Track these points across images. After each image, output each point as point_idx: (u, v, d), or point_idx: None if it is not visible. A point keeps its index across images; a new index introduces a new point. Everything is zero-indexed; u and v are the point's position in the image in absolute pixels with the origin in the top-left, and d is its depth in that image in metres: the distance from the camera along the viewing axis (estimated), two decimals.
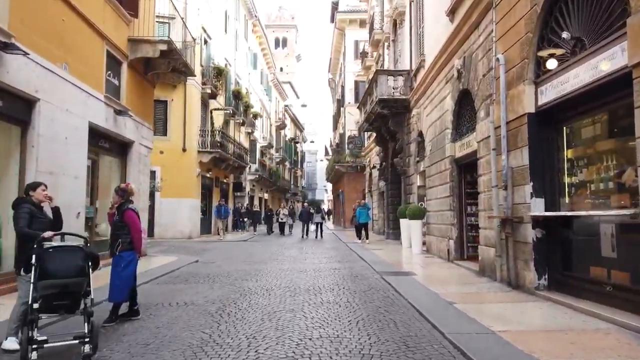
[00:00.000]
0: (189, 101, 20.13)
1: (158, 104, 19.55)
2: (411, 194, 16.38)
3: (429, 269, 10.27)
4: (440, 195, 12.05)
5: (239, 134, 28.81)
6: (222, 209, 21.18)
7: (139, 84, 12.42)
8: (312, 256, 13.53)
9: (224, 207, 21.30)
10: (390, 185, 20.51)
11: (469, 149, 10.13)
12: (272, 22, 77.17)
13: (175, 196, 19.67)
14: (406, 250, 14.61)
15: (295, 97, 67.04)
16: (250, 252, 14.59)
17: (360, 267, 10.93)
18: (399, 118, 17.13)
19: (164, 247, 15.82)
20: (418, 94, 14.86)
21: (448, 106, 11.32)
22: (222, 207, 21.24)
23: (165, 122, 19.96)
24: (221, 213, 21.11)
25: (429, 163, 13.28)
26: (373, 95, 17.93)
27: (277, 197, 47.35)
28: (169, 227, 19.59)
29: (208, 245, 17.26)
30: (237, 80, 27.89)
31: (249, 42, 32.77)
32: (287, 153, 53.07)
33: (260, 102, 36.95)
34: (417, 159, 15.61)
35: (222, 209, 21.18)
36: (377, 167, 23.83)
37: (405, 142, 17.04)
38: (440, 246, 12.00)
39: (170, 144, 19.88)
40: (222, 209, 21.20)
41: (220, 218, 21.18)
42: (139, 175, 12.40)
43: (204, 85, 21.21)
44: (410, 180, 16.44)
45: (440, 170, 12.01)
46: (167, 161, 19.70)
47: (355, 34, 34.03)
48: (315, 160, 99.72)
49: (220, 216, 21.11)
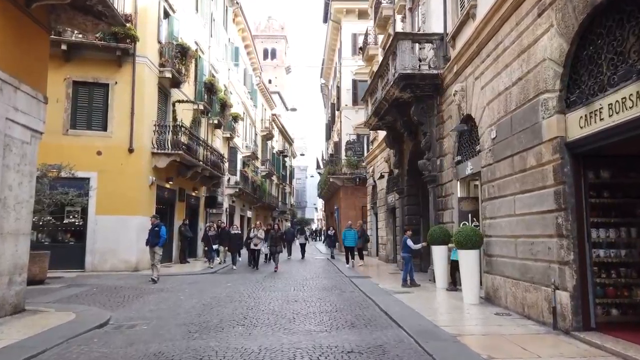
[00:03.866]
0: (140, 86, 15.08)
1: (94, 87, 14.64)
2: (446, 209, 11.40)
3: (538, 352, 5.20)
4: (524, 209, 7.10)
5: (213, 137, 23.73)
6: (156, 230, 12.30)
7: (13, 20, 7.37)
8: (305, 311, 8.37)
9: (158, 228, 12.32)
10: (407, 199, 15.54)
11: (609, 121, 5.24)
12: (260, 32, 73.36)
13: (117, 212, 14.46)
14: (447, 296, 9.54)
15: (284, 108, 62.49)
16: (205, 301, 9.38)
17: (398, 342, 5.82)
18: (425, 104, 12.25)
19: (78, 290, 10.55)
20: (462, 61, 10.03)
21: (545, 52, 6.44)
22: (157, 228, 12.31)
23: (104, 112, 14.84)
24: (152, 238, 12.32)
25: (492, 159, 8.35)
26: (388, 74, 13.08)
27: (263, 215, 42.04)
28: (108, 255, 14.30)
29: (151, 284, 11.99)
30: (213, 73, 22.97)
31: (229, 33, 27.99)
32: (275, 166, 48.00)
33: (243, 106, 32.03)
34: (456, 159, 10.69)
35: (157, 232, 12.27)
36: (386, 175, 18.87)
37: (434, 137, 12.13)
38: (529, 298, 6.96)
39: (111, 142, 14.74)
40: (157, 230, 12.29)
41: (153, 245, 12.32)
42: (12, 175, 7.25)
43: (162, 67, 16.21)
44: (445, 189, 11.48)
45: (525, 167, 7.07)
46: (107, 165, 14.54)
47: (352, 27, 29.49)
48: (305, 177, 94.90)
49: (154, 242, 12.29)
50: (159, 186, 16.42)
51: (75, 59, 14.52)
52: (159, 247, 12.38)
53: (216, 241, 16.71)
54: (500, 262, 8.07)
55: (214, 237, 16.70)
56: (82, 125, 14.66)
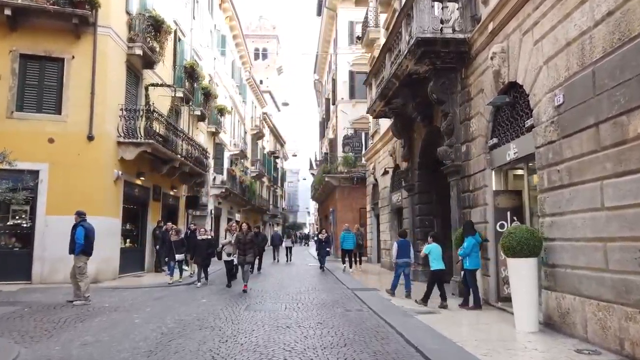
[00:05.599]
0: (103, 61, 12.67)
1: (46, 62, 12.33)
2: (475, 206, 9.15)
3: None
4: (621, 200, 4.86)
5: (196, 130, 21.33)
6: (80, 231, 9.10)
7: None
8: (302, 345, 5.98)
9: (82, 228, 9.15)
10: (418, 197, 13.28)
11: None
12: (252, 31, 71.11)
13: (73, 212, 11.93)
14: (485, 318, 7.26)
15: (276, 109, 60.25)
16: (166, 327, 7.01)
17: None
18: (446, 78, 10.02)
19: (6, 309, 8.08)
20: (502, 16, 7.80)
21: None
22: (80, 228, 9.14)
23: (58, 92, 12.39)
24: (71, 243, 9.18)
25: (557, 134, 6.10)
26: (400, 44, 10.85)
27: (253, 219, 39.49)
28: (60, 264, 11.76)
29: (83, 305, 9.57)
30: (196, 59, 20.59)
31: (215, 19, 25.66)
32: (266, 167, 45.59)
33: (230, 100, 29.66)
34: (490, 143, 8.47)
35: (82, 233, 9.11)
36: (390, 171, 16.62)
37: (458, 119, 9.91)
38: (634, 331, 4.70)
39: (66, 128, 12.30)
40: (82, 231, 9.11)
41: (70, 253, 9.18)
42: None
43: (131, 42, 13.82)
44: (474, 182, 9.23)
45: (625, 138, 4.84)
46: (61, 155, 12.11)
47: (349, 14, 27.37)
48: (298, 180, 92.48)
49: (71, 249, 9.17)
50: (127, 182, 13.99)
51: (23, 28, 12.09)
52: (76, 255, 8.97)
53: (182, 249, 12.67)
54: (572, 275, 5.80)
55: (178, 243, 12.57)
56: (31, 107, 12.21)
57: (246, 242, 10.95)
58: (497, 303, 8.26)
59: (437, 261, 8.74)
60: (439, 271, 8.67)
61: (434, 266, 8.73)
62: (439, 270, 8.68)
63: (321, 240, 17.94)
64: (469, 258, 8.09)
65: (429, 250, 8.88)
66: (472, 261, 8.10)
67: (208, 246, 12.35)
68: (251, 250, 11.09)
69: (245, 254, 10.86)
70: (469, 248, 8.09)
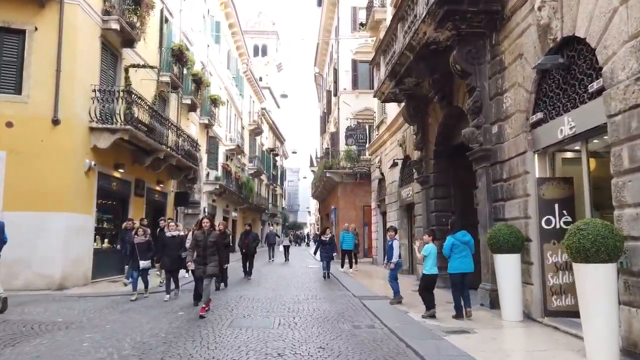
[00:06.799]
0: (71, 34, 11.01)
1: (4, 34, 10.81)
2: (511, 198, 7.48)
3: None
4: None
5: (187, 121, 19.67)
6: None
7: None
8: None
9: None
10: (433, 191, 11.61)
11: None
12: (250, 27, 69.55)
13: (34, 208, 10.37)
14: (543, 337, 5.59)
15: (275, 105, 58.65)
16: (119, 354, 5.34)
17: None
18: (473, 46, 8.35)
19: None
20: None
21: None
22: None
23: (18, 68, 10.70)
24: None
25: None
26: (416, 7, 9.16)
27: (251, 218, 37.76)
28: (19, 267, 10.13)
29: (55, 312, 7.89)
30: (185, 44, 18.92)
31: (208, 4, 23.98)
32: (264, 165, 43.89)
33: (226, 92, 27.99)
34: (533, 119, 6.81)
35: None
36: (400, 163, 14.95)
37: (487, 94, 8.23)
38: None
39: (27, 110, 10.62)
40: None
41: None
42: None
43: (106, 14, 12.14)
44: (509, 169, 7.55)
45: None
46: (21, 141, 10.45)
47: None
48: (298, 179, 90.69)
49: None
50: (102, 174, 12.33)
51: None
52: None
53: (148, 255, 9.44)
54: None
55: (143, 246, 9.33)
56: None
57: (207, 245, 7.71)
58: (543, 318, 6.60)
59: (434, 265, 7.36)
60: (434, 276, 7.34)
61: (427, 270, 7.34)
62: (434, 275, 7.34)
63: (324, 241, 14.63)
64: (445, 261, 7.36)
65: (429, 252, 7.35)
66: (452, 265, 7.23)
67: (180, 245, 9.65)
68: (214, 257, 7.76)
69: (206, 262, 7.67)
70: (447, 248, 7.17)
